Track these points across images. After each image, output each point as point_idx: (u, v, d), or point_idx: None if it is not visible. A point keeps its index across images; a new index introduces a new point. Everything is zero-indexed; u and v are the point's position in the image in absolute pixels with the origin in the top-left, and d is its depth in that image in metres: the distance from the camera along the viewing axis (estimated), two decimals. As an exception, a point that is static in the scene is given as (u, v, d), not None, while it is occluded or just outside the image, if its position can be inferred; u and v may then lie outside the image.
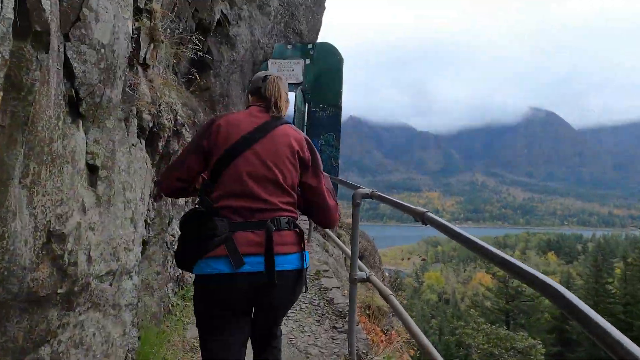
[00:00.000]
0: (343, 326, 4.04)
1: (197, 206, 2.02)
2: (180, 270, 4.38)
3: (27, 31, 1.53)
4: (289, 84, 9.17)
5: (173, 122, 3.93)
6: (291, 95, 8.93)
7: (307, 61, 9.77)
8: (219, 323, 1.98)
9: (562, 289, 1.10)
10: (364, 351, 3.56)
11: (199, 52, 8.35)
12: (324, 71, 9.68)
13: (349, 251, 4.06)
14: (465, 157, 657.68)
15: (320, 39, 11.39)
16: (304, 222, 7.96)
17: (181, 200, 4.49)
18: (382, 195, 3.05)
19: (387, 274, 14.91)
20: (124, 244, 2.52)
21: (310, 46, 9.89)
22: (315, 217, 2.27)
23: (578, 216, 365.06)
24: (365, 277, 3.40)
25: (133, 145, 2.71)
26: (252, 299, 1.99)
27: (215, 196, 1.98)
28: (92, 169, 2.18)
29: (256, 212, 1.95)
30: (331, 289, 5.03)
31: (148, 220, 3.46)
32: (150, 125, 3.28)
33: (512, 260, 1.39)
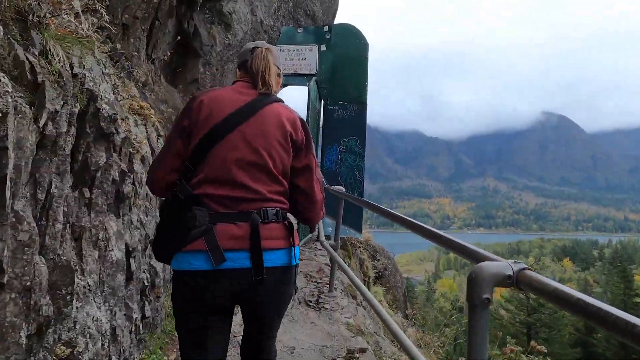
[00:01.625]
0: None
1: (176, 192, 1.78)
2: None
3: None
4: (300, 75, 7.23)
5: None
6: (304, 90, 6.97)
7: (323, 47, 7.81)
8: (197, 324, 1.79)
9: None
10: None
11: (182, 33, 6.45)
12: (345, 59, 7.70)
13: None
14: (476, 162, 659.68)
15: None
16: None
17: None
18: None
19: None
20: None
21: (325, 29, 7.90)
22: (298, 209, 1.97)
23: (593, 221, 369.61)
24: None
25: None
26: (234, 299, 1.79)
27: (195, 182, 1.76)
28: None
29: (241, 202, 1.75)
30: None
31: None
32: None
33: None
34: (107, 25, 4.48)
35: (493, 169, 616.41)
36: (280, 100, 1.95)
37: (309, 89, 6.11)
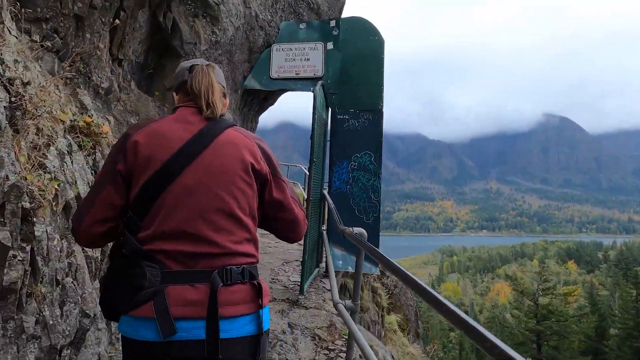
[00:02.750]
0: None
1: (123, 240, 1.52)
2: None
3: None
4: (303, 79, 5.90)
5: None
6: (308, 96, 5.74)
7: (330, 45, 6.57)
8: None
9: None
10: None
11: (157, 29, 5.27)
12: (356, 59, 6.45)
13: None
14: (479, 165, 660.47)
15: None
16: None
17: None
18: None
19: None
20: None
21: (332, 24, 6.65)
22: (280, 232, 1.82)
23: (597, 223, 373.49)
24: None
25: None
26: None
27: (142, 236, 1.48)
28: None
29: (201, 258, 1.49)
30: None
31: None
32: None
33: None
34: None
35: (496, 171, 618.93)
36: (233, 124, 1.67)
37: (314, 95, 4.91)
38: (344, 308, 3.73)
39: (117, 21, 4.51)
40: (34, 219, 1.89)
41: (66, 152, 2.68)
